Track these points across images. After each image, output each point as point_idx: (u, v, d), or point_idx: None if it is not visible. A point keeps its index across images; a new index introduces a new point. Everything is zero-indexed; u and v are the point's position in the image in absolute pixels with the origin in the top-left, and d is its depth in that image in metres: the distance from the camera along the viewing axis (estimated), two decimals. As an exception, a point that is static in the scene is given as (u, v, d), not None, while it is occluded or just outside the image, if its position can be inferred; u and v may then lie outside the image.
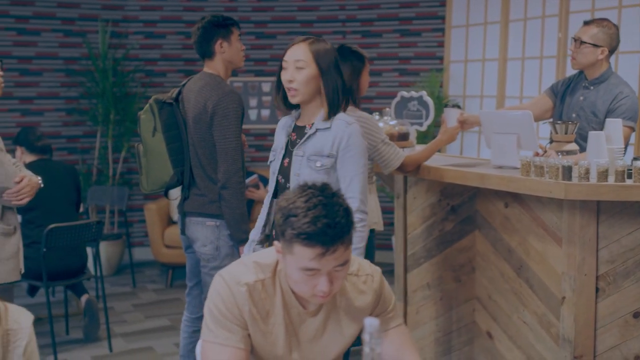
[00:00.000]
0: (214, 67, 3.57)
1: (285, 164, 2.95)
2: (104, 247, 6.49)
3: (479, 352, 3.75)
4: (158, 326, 5.30)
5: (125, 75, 6.98)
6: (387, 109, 4.36)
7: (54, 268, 4.57)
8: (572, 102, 3.87)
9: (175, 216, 6.54)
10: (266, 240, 3.10)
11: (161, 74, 7.25)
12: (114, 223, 7.09)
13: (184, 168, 3.55)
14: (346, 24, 7.19)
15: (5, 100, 6.64)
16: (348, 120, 2.89)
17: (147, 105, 3.55)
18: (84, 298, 4.92)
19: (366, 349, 1.39)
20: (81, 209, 5.45)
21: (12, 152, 4.49)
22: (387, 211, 6.03)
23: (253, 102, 7.20)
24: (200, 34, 3.53)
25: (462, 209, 3.77)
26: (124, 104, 6.93)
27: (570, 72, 4.63)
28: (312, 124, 2.90)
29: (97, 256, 4.78)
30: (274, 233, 3.00)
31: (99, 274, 4.82)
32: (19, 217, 3.76)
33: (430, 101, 4.35)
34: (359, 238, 2.82)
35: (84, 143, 7.13)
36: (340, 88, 2.88)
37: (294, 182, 2.91)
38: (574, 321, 3.07)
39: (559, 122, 3.51)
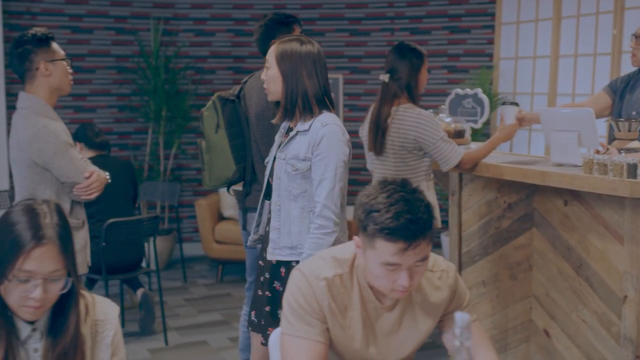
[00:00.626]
0: (276, 64, 3.60)
1: (274, 167, 2.89)
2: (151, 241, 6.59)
3: (536, 350, 3.74)
4: (211, 321, 5.37)
5: (176, 72, 7.08)
6: (442, 106, 4.36)
7: (113, 262, 4.65)
8: (632, 100, 3.83)
9: (226, 212, 6.60)
10: (260, 240, 3.05)
11: (211, 71, 7.33)
12: (164, 218, 7.19)
13: (246, 164, 3.59)
14: (395, 21, 7.19)
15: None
16: (324, 120, 2.76)
17: (210, 102, 3.60)
18: (139, 292, 5.00)
19: (456, 343, 1.40)
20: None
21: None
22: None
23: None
24: (263, 31, 3.56)
25: (520, 207, 3.76)
26: (175, 100, 7.03)
27: (626, 69, 4.59)
28: (296, 125, 2.83)
29: (154, 250, 4.87)
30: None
31: (153, 267, 4.89)
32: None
33: (485, 98, 4.34)
34: (315, 244, 2.69)
35: (135, 139, 7.24)
36: (300, 92, 2.76)
37: (275, 185, 2.84)
38: (635, 320, 3.05)
39: (621, 119, 3.48)
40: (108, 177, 3.30)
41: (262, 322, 2.97)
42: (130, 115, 7.17)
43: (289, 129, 2.88)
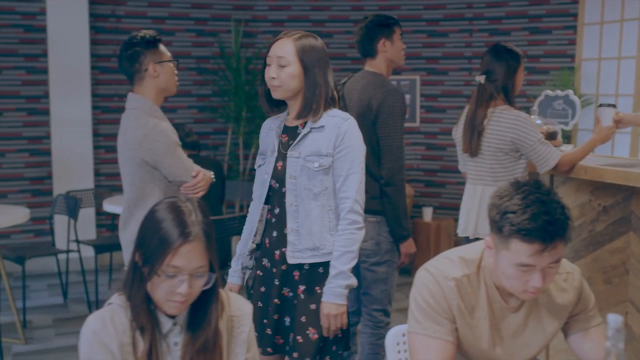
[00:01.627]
0: (376, 65, 3.63)
1: (279, 168, 2.72)
2: (234, 240, 6.68)
3: (633, 357, 3.68)
4: (293, 319, 5.40)
5: (256, 74, 7.17)
6: (534, 108, 4.33)
7: (202, 260, 4.73)
8: None
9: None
10: (256, 249, 2.85)
11: (289, 73, 7.38)
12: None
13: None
14: (473, 22, 7.15)
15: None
16: (344, 115, 2.69)
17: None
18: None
19: (608, 344, 1.41)
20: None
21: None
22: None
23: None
24: (364, 33, 3.60)
25: (615, 210, 3.71)
26: (255, 101, 7.12)
27: None
28: (305, 123, 2.70)
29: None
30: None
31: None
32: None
33: (577, 100, 4.29)
34: (350, 240, 2.62)
35: (214, 140, 7.36)
36: (323, 88, 2.67)
37: (290, 185, 2.68)
38: None
39: None
40: (212, 176, 3.37)
41: (268, 332, 2.77)
42: (210, 116, 7.30)
43: (285, 128, 2.77)
